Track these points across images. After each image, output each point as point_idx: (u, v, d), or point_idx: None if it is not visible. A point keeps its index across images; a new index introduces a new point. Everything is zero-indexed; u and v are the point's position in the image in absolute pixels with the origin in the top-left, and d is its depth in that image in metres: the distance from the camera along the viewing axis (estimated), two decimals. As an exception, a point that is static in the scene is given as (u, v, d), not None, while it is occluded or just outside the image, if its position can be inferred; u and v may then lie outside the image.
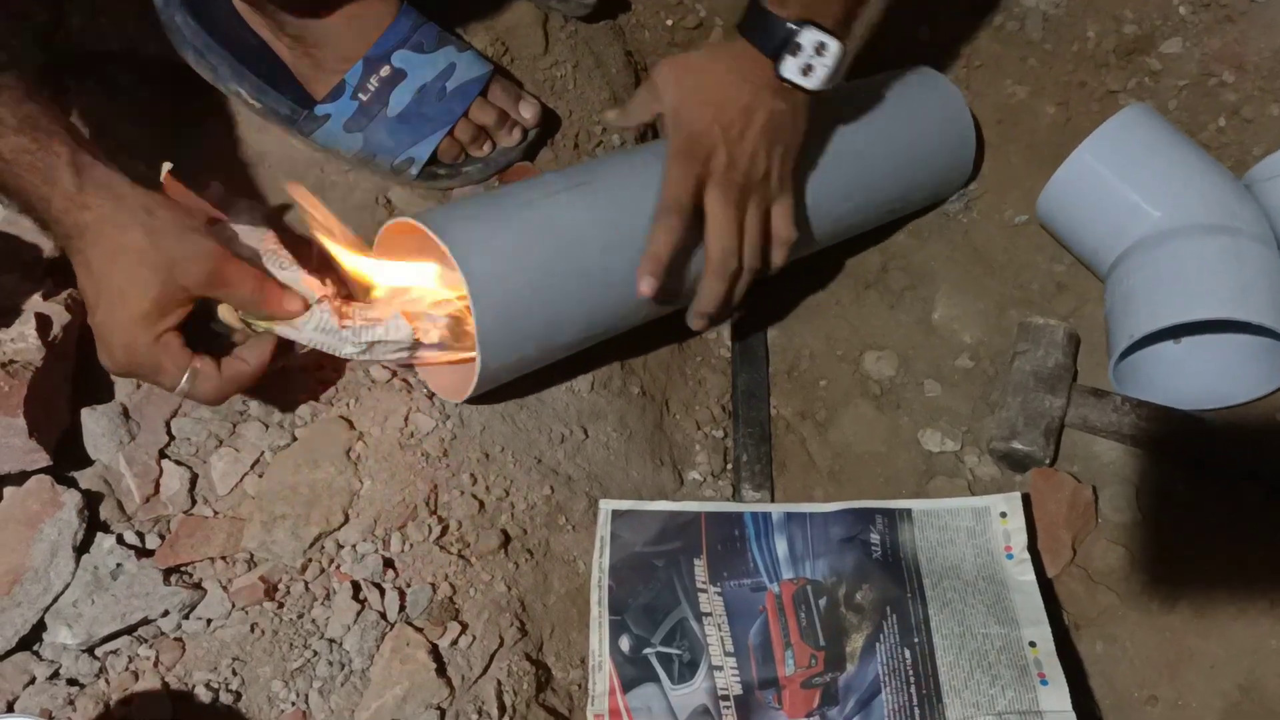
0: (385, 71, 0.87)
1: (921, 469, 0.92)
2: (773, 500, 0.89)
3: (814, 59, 0.75)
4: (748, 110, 0.75)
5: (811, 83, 0.75)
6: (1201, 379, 0.92)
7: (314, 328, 0.68)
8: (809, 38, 0.74)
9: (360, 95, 0.87)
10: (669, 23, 1.17)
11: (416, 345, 0.72)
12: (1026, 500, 0.86)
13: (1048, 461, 0.88)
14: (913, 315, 1.00)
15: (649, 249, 0.74)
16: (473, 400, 0.77)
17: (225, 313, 0.67)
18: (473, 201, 0.77)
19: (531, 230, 0.74)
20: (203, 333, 0.67)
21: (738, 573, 0.79)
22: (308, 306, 0.68)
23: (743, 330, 0.97)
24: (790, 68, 0.75)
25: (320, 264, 0.72)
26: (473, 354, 0.72)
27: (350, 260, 0.71)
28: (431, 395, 0.78)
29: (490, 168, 0.92)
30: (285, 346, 0.69)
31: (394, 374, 0.79)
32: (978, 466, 0.91)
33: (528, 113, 0.92)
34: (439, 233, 0.70)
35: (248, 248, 0.69)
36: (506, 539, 0.75)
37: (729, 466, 0.91)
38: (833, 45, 0.75)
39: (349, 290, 0.73)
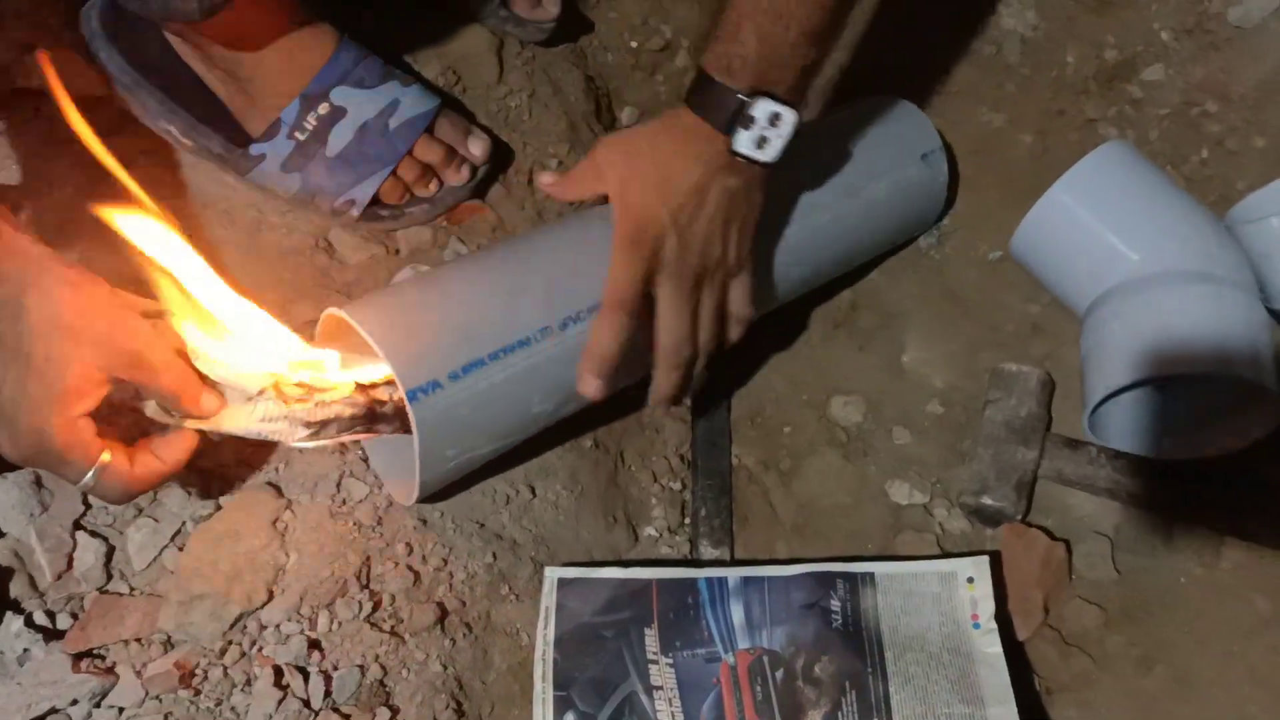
0: (324, 109, 0.82)
1: (889, 523, 0.88)
2: (732, 557, 0.86)
3: (768, 130, 0.69)
4: (699, 191, 0.70)
5: (767, 155, 0.70)
6: (1181, 428, 0.88)
7: (259, 418, 0.63)
8: (763, 109, 0.68)
9: (297, 134, 0.82)
10: (633, 45, 1.13)
11: (373, 418, 0.67)
12: (996, 558, 0.82)
13: (1019, 517, 0.85)
14: (882, 358, 0.96)
15: (593, 348, 0.69)
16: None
17: (152, 407, 0.63)
18: (408, 304, 0.70)
19: (473, 336, 0.68)
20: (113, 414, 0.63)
21: (691, 642, 0.75)
22: (223, 405, 0.63)
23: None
24: (743, 142, 0.69)
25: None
26: None
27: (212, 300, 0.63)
28: (366, 458, 0.74)
29: (437, 208, 0.88)
30: (211, 445, 0.64)
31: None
32: (947, 520, 0.88)
33: (477, 149, 0.88)
34: (381, 347, 0.64)
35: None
36: (443, 613, 0.71)
37: (687, 521, 0.87)
38: (788, 115, 0.69)
39: (303, 375, 0.67)
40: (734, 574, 0.78)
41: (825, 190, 0.85)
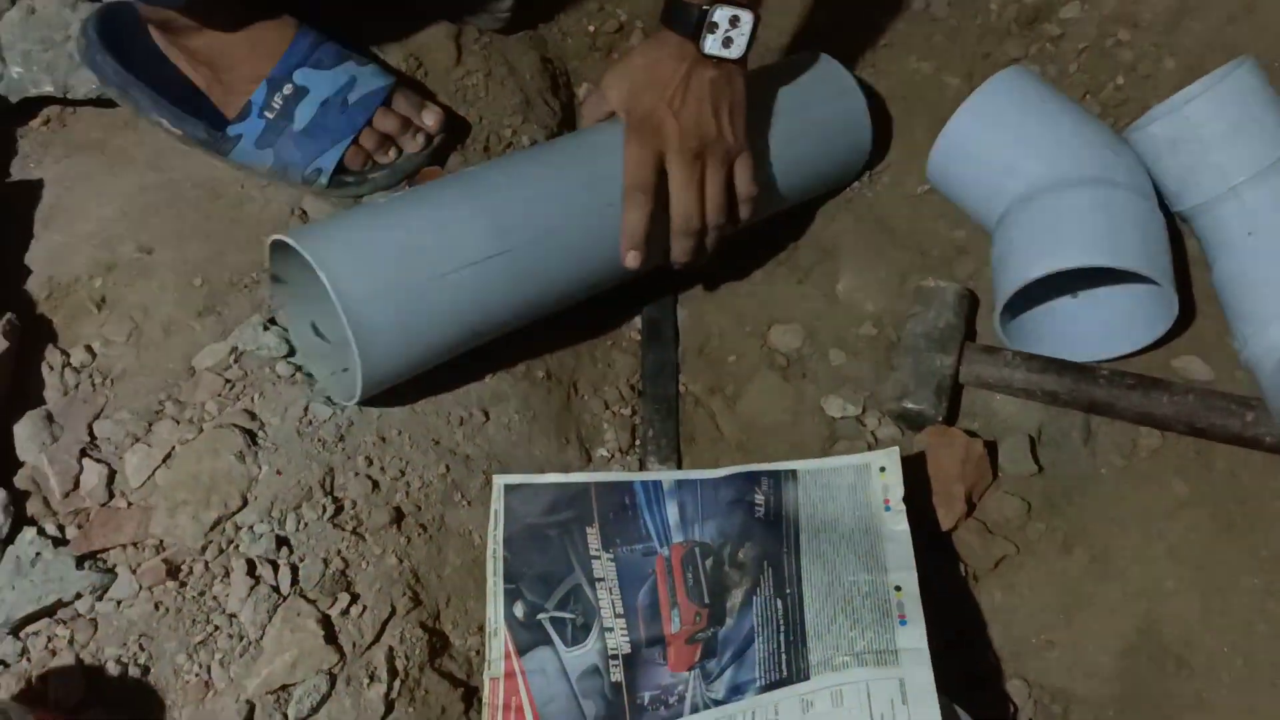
0: (288, 89, 0.93)
1: (825, 435, 0.95)
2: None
3: (731, 32, 0.84)
4: (684, 82, 0.85)
5: (734, 52, 0.85)
6: (1095, 331, 0.94)
7: None
8: (722, 14, 0.84)
9: (267, 113, 0.93)
10: (590, 29, 1.23)
11: None
12: (921, 457, 0.89)
13: (941, 419, 0.91)
14: (819, 288, 1.03)
15: (624, 227, 0.86)
16: (365, 402, 0.82)
17: None
18: (348, 214, 0.82)
19: (405, 233, 0.80)
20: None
21: (630, 539, 0.83)
22: None
23: (652, 312, 1.01)
24: (711, 44, 0.84)
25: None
26: None
27: None
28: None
29: (397, 173, 0.98)
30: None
31: (297, 369, 0.84)
32: (878, 429, 0.94)
33: (430, 119, 0.98)
34: (310, 253, 0.76)
35: None
36: (400, 515, 0.80)
37: (637, 442, 0.95)
38: (745, 16, 0.84)
39: None
40: (668, 477, 0.86)
41: (758, 131, 0.94)
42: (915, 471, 0.87)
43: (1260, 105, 0.88)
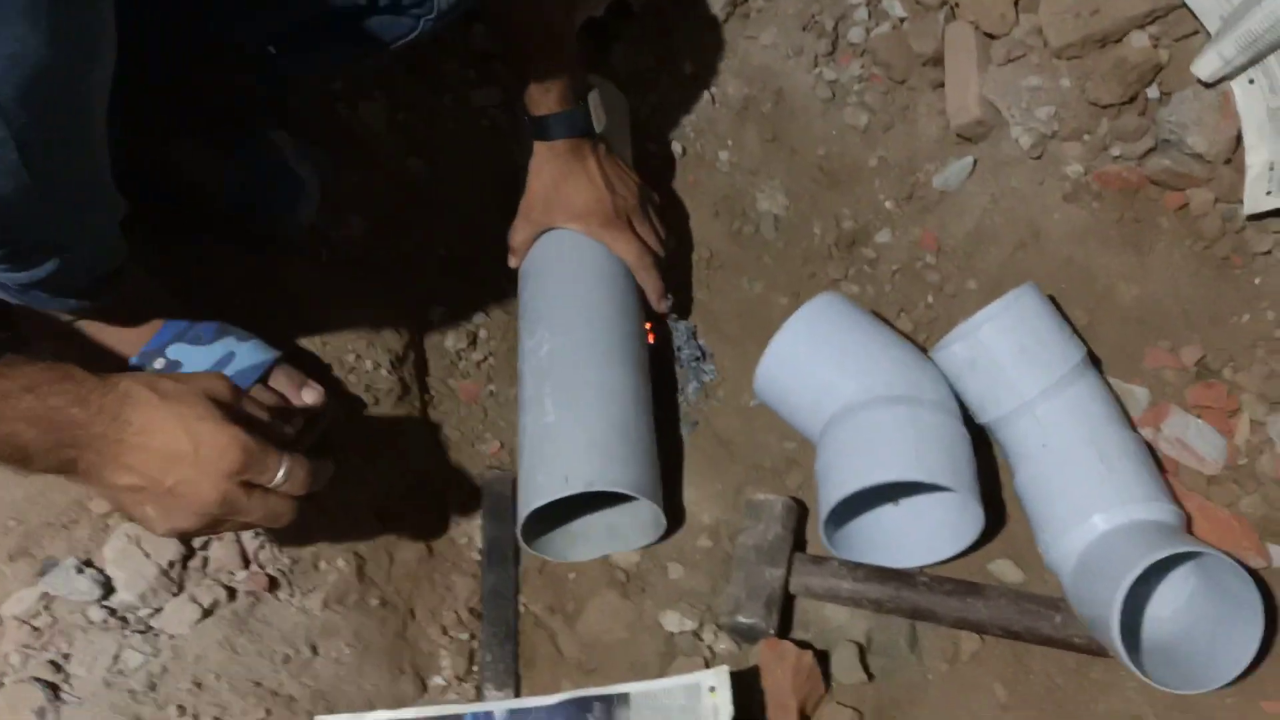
0: (159, 363, 0.91)
1: (663, 651, 0.95)
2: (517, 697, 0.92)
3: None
4: (586, 171, 1.06)
5: (598, 128, 1.06)
6: (916, 538, 0.98)
7: None
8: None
9: None
10: (442, 253, 1.27)
11: None
12: (757, 670, 0.90)
13: (773, 631, 0.92)
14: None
15: (658, 287, 1.11)
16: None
17: None
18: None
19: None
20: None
21: (461, 775, 0.81)
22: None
23: (493, 530, 1.02)
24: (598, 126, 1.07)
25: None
26: None
27: None
28: (147, 629, 0.81)
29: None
30: None
31: (112, 613, 0.82)
32: (715, 643, 0.95)
33: (310, 397, 0.95)
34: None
35: None
36: (213, 767, 0.77)
37: (475, 668, 0.94)
38: (593, 99, 1.05)
39: None
40: (500, 707, 0.85)
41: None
42: (751, 685, 0.88)
43: (1044, 326, 0.97)
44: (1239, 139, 1.01)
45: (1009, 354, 0.96)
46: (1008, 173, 1.15)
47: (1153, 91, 1.06)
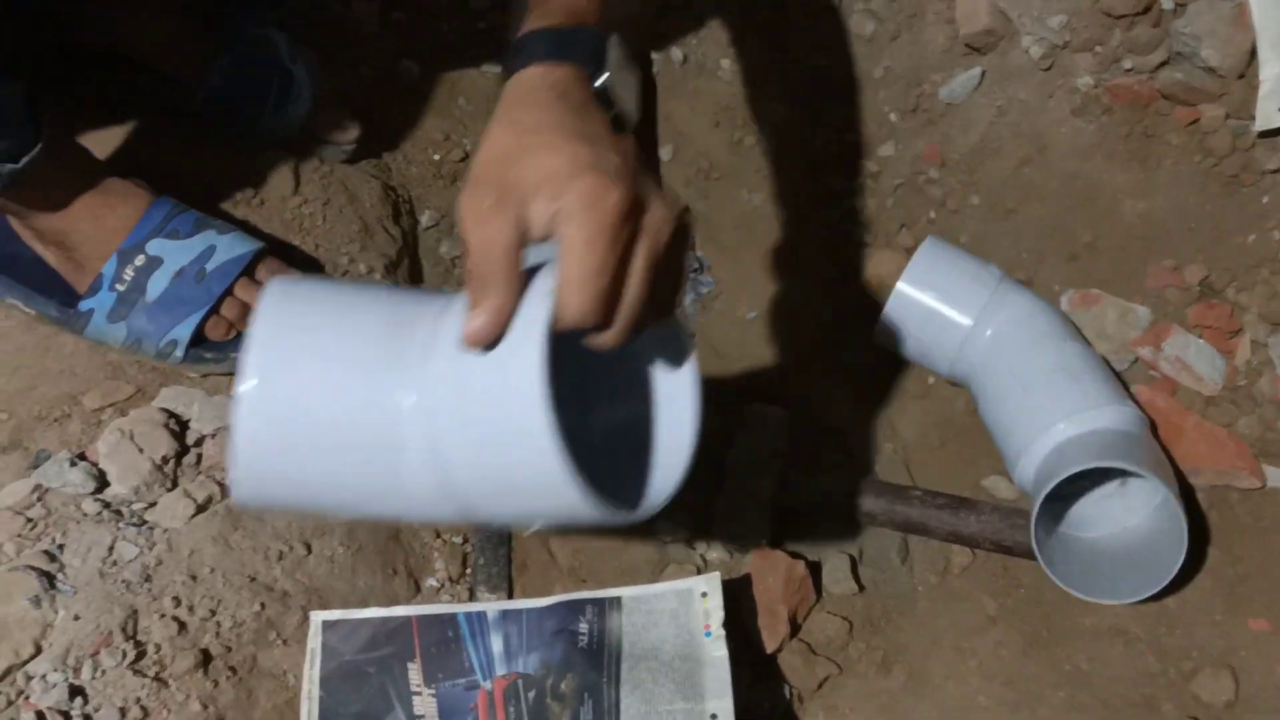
0: (140, 260, 0.90)
1: (655, 559, 0.96)
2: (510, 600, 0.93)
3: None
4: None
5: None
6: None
7: None
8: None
9: (117, 286, 0.90)
10: (435, 157, 1.25)
11: None
12: (748, 579, 0.90)
13: (764, 541, 0.93)
14: (653, 413, 1.05)
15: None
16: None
17: None
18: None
19: None
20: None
21: (453, 673, 0.82)
22: None
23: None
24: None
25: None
26: None
27: None
28: (141, 523, 0.81)
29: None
30: None
31: (106, 506, 0.82)
32: (708, 551, 0.96)
33: None
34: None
35: None
36: (207, 658, 0.77)
37: (468, 571, 0.95)
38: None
39: None
40: (493, 607, 0.85)
41: None
42: (743, 594, 0.89)
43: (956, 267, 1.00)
44: (1253, 53, 0.98)
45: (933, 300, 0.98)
46: (1016, 85, 1.12)
47: (1167, 2, 1.03)
